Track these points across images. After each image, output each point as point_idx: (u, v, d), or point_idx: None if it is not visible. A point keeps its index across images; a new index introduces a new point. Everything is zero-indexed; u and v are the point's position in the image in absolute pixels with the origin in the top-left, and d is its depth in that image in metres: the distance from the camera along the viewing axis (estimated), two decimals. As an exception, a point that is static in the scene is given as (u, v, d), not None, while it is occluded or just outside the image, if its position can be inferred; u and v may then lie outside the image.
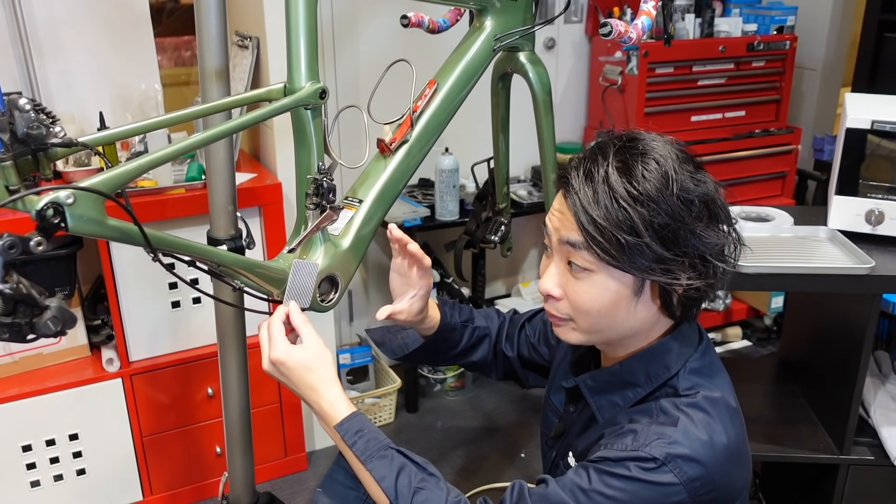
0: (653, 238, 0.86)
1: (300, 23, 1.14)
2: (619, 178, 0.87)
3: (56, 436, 2.09)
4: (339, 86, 2.65)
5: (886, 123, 1.70)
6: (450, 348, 1.30)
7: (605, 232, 0.86)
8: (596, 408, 1.02)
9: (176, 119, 1.13)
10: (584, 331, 0.97)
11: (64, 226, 0.83)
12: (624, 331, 0.96)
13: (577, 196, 0.89)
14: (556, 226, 0.94)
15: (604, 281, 0.90)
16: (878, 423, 1.79)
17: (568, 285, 0.94)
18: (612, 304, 0.92)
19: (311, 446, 2.59)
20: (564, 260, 0.94)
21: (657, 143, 0.92)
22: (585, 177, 0.89)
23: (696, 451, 0.88)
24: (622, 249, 0.86)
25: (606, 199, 0.87)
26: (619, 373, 1.00)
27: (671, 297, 0.93)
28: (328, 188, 1.15)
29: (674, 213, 0.87)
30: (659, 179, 0.87)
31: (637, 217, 0.86)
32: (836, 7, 3.08)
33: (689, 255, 0.88)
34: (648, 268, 0.87)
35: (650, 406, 0.96)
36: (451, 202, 2.61)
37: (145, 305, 2.11)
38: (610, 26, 1.37)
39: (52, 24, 2.09)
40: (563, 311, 0.96)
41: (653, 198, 0.86)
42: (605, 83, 2.93)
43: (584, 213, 0.87)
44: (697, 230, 0.88)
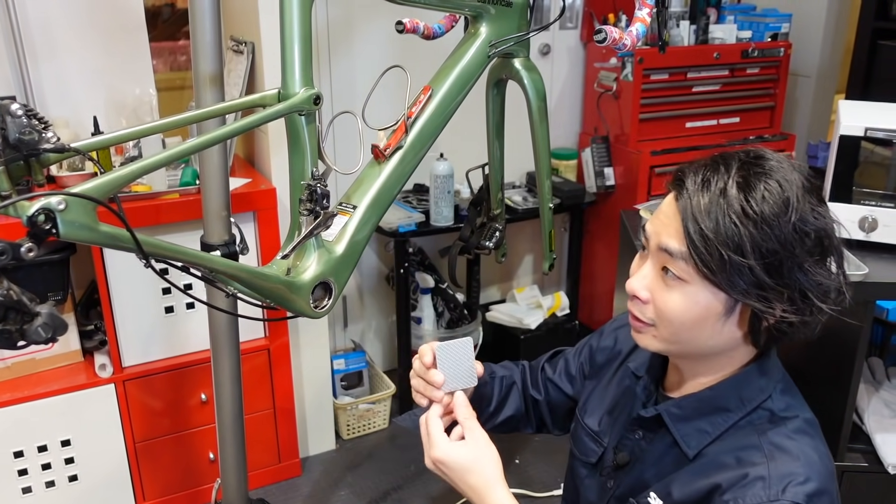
0: (757, 261, 0.82)
1: (294, 28, 1.14)
2: (738, 194, 0.83)
3: (48, 441, 2.08)
4: (335, 91, 2.65)
5: (880, 130, 1.71)
6: (484, 407, 1.22)
7: (709, 245, 0.83)
8: (681, 438, 0.96)
9: (169, 125, 1.13)
10: (663, 339, 0.93)
11: (55, 232, 0.83)
12: (704, 348, 0.92)
13: (690, 201, 0.85)
14: (657, 230, 0.90)
15: (695, 294, 0.87)
16: (871, 429, 1.79)
17: (657, 291, 0.91)
18: (699, 320, 0.88)
19: (304, 452, 2.58)
20: (659, 265, 0.90)
21: (784, 165, 0.87)
22: (702, 184, 0.85)
23: (822, 481, 0.86)
24: (723, 266, 0.83)
25: (719, 212, 0.83)
26: (710, 398, 0.95)
27: (760, 325, 0.88)
28: (322, 194, 1.15)
29: (785, 241, 0.82)
30: (778, 203, 0.83)
31: (747, 237, 0.82)
32: (831, 14, 3.09)
33: (789, 288, 0.84)
34: (745, 291, 0.84)
35: (753, 438, 0.91)
36: (445, 208, 2.61)
37: (139, 311, 2.10)
38: (604, 33, 1.38)
39: (47, 27, 2.08)
40: (646, 316, 0.93)
41: (768, 221, 0.82)
42: (600, 89, 2.94)
43: (693, 221, 0.84)
44: (805, 265, 0.84)
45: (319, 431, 2.61)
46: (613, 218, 2.94)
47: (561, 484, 2.42)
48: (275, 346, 2.32)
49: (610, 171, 2.93)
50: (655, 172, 2.84)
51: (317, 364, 2.51)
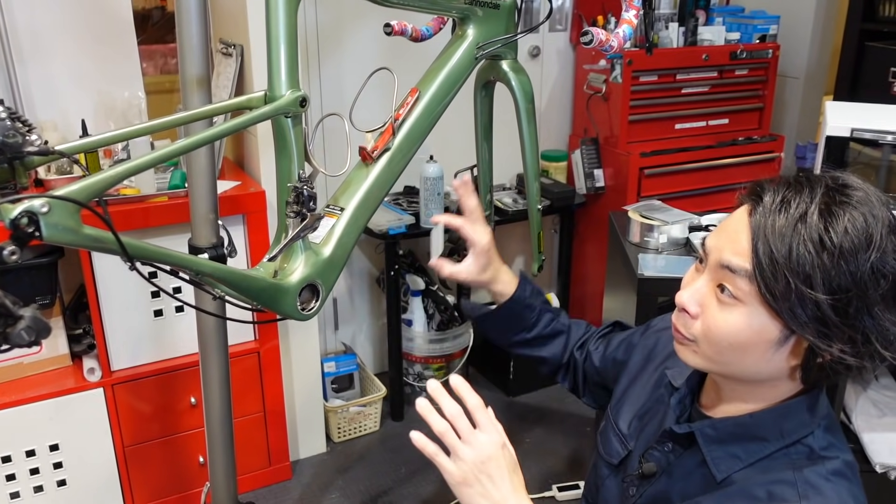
0: (826, 296, 0.77)
1: (280, 31, 1.14)
2: (819, 221, 0.78)
3: (36, 446, 2.07)
4: (324, 93, 2.65)
5: (865, 131, 1.72)
6: (521, 329, 1.27)
7: (777, 269, 0.78)
8: (712, 460, 0.92)
9: (156, 127, 1.13)
10: (705, 357, 0.89)
11: (38, 235, 0.82)
12: (748, 374, 0.88)
13: (765, 220, 0.80)
14: (720, 244, 0.86)
15: (750, 317, 0.82)
16: (859, 429, 1.80)
17: (709, 307, 0.86)
18: (748, 344, 0.84)
19: (295, 455, 2.58)
20: (716, 282, 0.86)
21: (872, 199, 0.81)
22: (781, 203, 0.80)
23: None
24: (788, 294, 0.78)
25: (795, 237, 0.78)
26: (749, 425, 0.90)
27: (814, 362, 0.83)
28: (308, 196, 1.15)
29: (860, 280, 0.77)
30: (861, 239, 0.77)
31: (819, 268, 0.77)
32: (818, 16, 3.11)
33: (853, 329, 0.79)
34: (805, 324, 0.79)
35: (788, 473, 0.86)
36: (435, 209, 2.61)
37: (127, 314, 2.10)
38: (591, 35, 1.38)
39: (35, 30, 2.07)
40: (690, 331, 0.89)
41: (845, 256, 0.77)
42: (589, 91, 2.95)
43: (764, 241, 0.79)
44: (876, 308, 0.79)
45: (310, 434, 2.60)
46: (603, 219, 2.95)
47: (553, 486, 2.43)
48: (265, 350, 2.31)
49: (600, 172, 2.94)
50: (645, 174, 2.85)
51: (307, 367, 2.51)
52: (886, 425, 1.80)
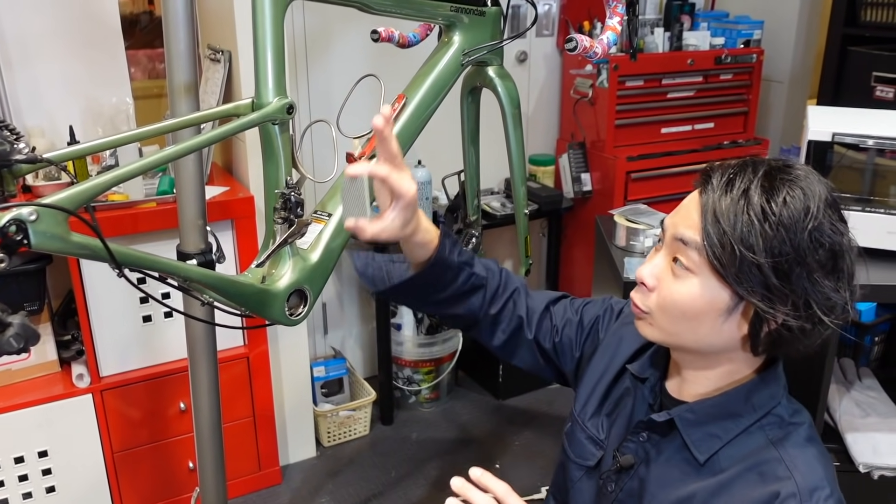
0: (767, 261, 0.84)
1: (267, 39, 1.16)
2: (761, 195, 0.85)
3: (25, 453, 2.06)
4: (312, 99, 2.66)
5: (847, 136, 1.74)
6: (438, 290, 1.12)
7: (724, 238, 0.85)
8: (692, 443, 0.96)
9: (144, 134, 1.14)
10: (660, 329, 0.95)
11: (27, 243, 0.83)
12: (702, 345, 0.93)
13: (713, 196, 0.88)
14: (675, 220, 0.93)
15: (701, 287, 0.89)
16: (843, 429, 1.82)
17: (664, 280, 0.93)
18: (699, 313, 0.90)
19: (284, 460, 2.58)
20: (671, 256, 0.93)
21: (811, 178, 0.88)
22: (727, 183, 0.88)
23: (836, 487, 0.89)
24: (734, 261, 0.85)
25: (738, 210, 0.85)
26: (723, 403, 0.96)
27: (761, 329, 0.89)
28: (296, 202, 1.16)
29: (799, 247, 0.84)
30: (799, 210, 0.84)
31: (761, 236, 0.84)
32: (802, 21, 3.14)
33: (795, 294, 0.86)
34: (751, 289, 0.85)
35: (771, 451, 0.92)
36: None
37: (116, 320, 2.10)
38: (575, 41, 1.40)
39: (22, 36, 2.08)
40: (646, 304, 0.94)
41: (784, 224, 0.84)
42: (576, 96, 2.97)
43: (711, 214, 0.87)
44: (815, 275, 0.85)
45: (300, 439, 2.61)
46: (591, 223, 2.97)
47: (542, 489, 2.44)
48: (254, 355, 2.31)
49: (587, 176, 2.96)
50: (632, 178, 2.87)
51: (297, 371, 2.51)
52: (869, 425, 1.83)
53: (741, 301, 0.88)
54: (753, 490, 0.90)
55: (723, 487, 0.92)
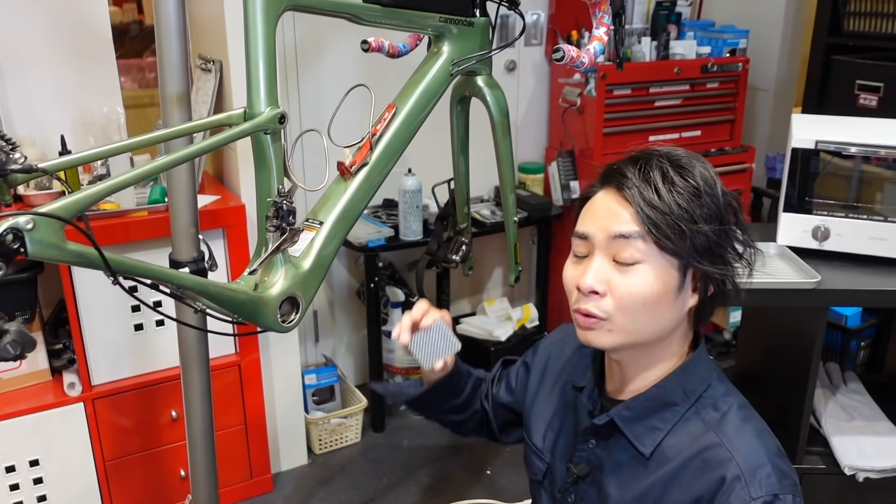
0: (709, 227, 0.93)
1: (259, 49, 1.17)
2: (678, 175, 0.93)
3: (16, 462, 2.06)
4: (302, 108, 2.68)
5: (830, 143, 1.78)
6: (453, 395, 1.27)
7: (666, 218, 0.91)
8: (635, 438, 1.00)
9: (136, 144, 1.15)
10: (620, 330, 0.96)
11: (24, 251, 0.84)
12: (658, 331, 0.97)
13: (637, 188, 0.93)
14: (602, 225, 0.96)
15: (653, 270, 0.93)
16: (828, 432, 1.84)
17: (613, 280, 0.95)
18: (658, 297, 0.94)
19: (276, 468, 2.58)
20: (609, 257, 0.95)
21: (688, 154, 0.99)
22: (642, 173, 0.94)
23: (778, 459, 0.95)
24: (682, 235, 0.91)
25: (666, 192, 0.92)
26: (657, 395, 1.00)
27: (707, 292, 0.98)
28: (288, 211, 1.18)
29: (721, 209, 0.94)
30: (709, 180, 0.95)
31: (696, 206, 0.92)
32: (786, 31, 3.19)
33: (726, 249, 0.96)
34: (699, 256, 0.93)
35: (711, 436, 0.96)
36: (414, 222, 2.64)
37: (108, 328, 2.10)
38: (562, 51, 1.42)
39: (14, 46, 2.08)
40: (604, 309, 0.96)
41: (708, 193, 0.93)
42: (564, 104, 3.00)
43: (646, 203, 0.92)
44: (728, 230, 0.96)
45: (291, 446, 2.61)
46: (580, 230, 2.99)
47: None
48: (245, 362, 2.32)
49: (576, 184, 2.99)
50: (620, 185, 2.90)
51: (288, 379, 2.52)
52: (855, 429, 1.85)
53: (687, 273, 0.95)
54: (701, 478, 0.94)
55: (673, 479, 0.96)
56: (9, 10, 2.06)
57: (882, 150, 1.73)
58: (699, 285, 0.97)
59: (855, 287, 1.67)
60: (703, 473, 0.94)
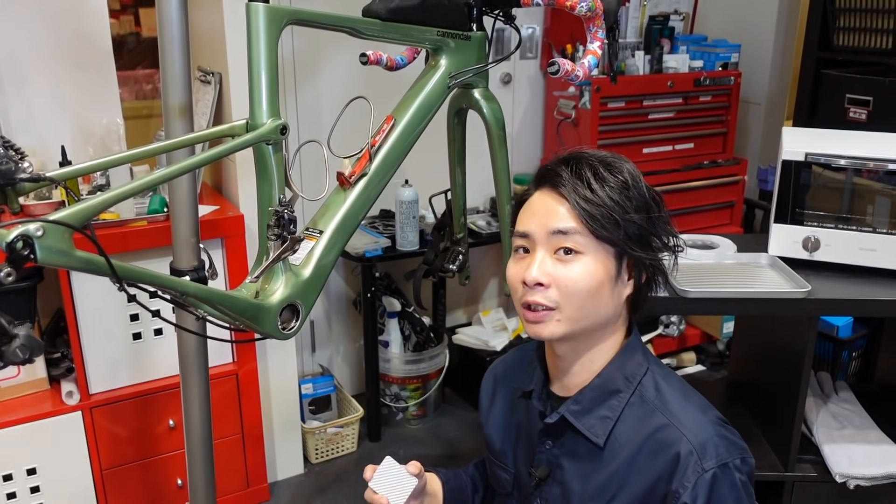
0: (640, 217, 1.01)
1: (261, 62, 1.20)
2: (608, 173, 1.01)
3: (13, 470, 2.07)
4: (301, 120, 2.71)
5: (820, 156, 1.81)
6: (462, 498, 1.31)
7: (602, 210, 0.98)
8: (587, 430, 1.04)
9: (141, 154, 1.17)
10: (567, 318, 1.01)
11: (33, 257, 0.86)
12: (601, 318, 1.03)
13: (573, 186, 1.00)
14: (542, 222, 1.02)
15: (592, 262, 1.00)
16: (820, 440, 1.87)
17: (556, 272, 1.00)
18: (599, 285, 1.00)
19: (272, 477, 2.59)
20: (551, 251, 1.01)
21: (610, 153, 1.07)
22: (574, 173, 1.01)
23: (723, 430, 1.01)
24: (618, 227, 0.99)
25: (599, 187, 1.00)
26: (600, 385, 1.05)
27: (641, 279, 1.05)
28: (289, 219, 1.20)
29: (648, 200, 1.02)
30: (634, 175, 1.03)
31: (627, 200, 1.00)
32: (777, 45, 3.23)
33: (656, 236, 1.04)
34: (633, 246, 1.00)
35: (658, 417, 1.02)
36: (411, 233, 2.67)
37: (106, 338, 2.11)
38: (557, 65, 1.45)
39: (14, 57, 2.11)
40: (551, 299, 1.00)
41: (635, 187, 1.01)
42: (559, 117, 3.03)
43: (583, 199, 0.99)
44: (658, 217, 1.04)
45: (287, 456, 2.62)
46: (575, 241, 3.02)
47: None
48: (243, 372, 2.34)
49: (571, 195, 3.01)
50: (614, 197, 2.93)
51: (285, 388, 2.53)
52: (846, 437, 1.87)
53: (623, 261, 1.02)
54: (656, 459, 0.99)
55: (630, 465, 1.01)
56: (10, 21, 2.08)
57: (871, 162, 1.77)
58: (633, 273, 1.04)
59: (845, 297, 1.69)
60: (657, 455, 0.99)
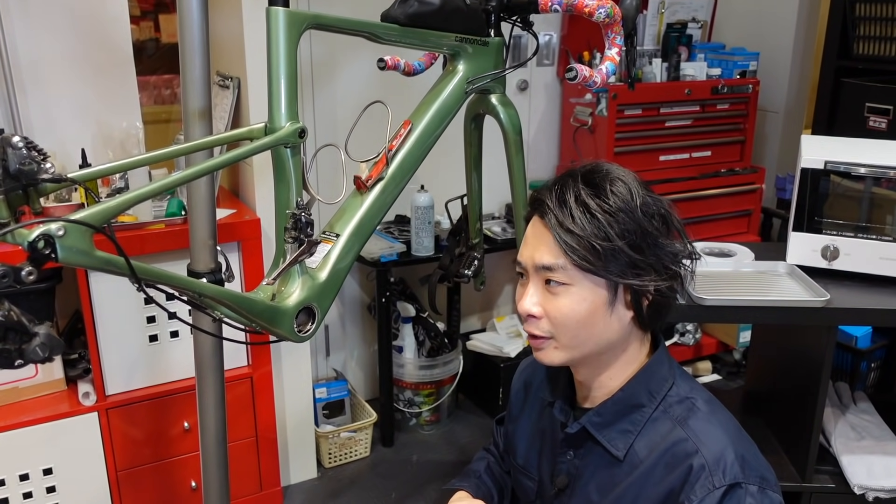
0: (624, 243, 0.95)
1: (281, 66, 1.20)
2: (592, 197, 0.96)
3: (30, 470, 2.08)
4: (318, 124, 2.72)
5: (839, 164, 1.79)
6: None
7: (581, 241, 0.95)
8: (608, 442, 1.04)
9: (162, 156, 1.18)
10: (565, 346, 1.01)
11: (54, 257, 0.87)
12: (602, 343, 1.01)
13: (554, 215, 0.97)
14: (530, 254, 1.01)
15: (580, 292, 0.97)
16: (838, 451, 1.84)
17: (547, 303, 1.00)
18: (590, 314, 0.98)
19: (286, 481, 2.59)
20: (542, 281, 1.00)
21: (616, 167, 1.02)
22: (559, 199, 0.98)
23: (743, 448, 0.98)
24: (598, 255, 0.95)
25: (580, 215, 0.96)
26: (623, 398, 1.04)
27: (642, 304, 1.00)
28: (306, 222, 1.21)
29: (639, 223, 0.96)
30: (624, 195, 0.97)
31: (610, 226, 0.95)
32: (796, 53, 3.22)
33: (652, 261, 0.97)
34: (621, 272, 0.96)
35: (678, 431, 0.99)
36: (426, 238, 2.67)
37: (123, 339, 2.13)
38: (575, 71, 1.45)
39: (37, 61, 2.13)
40: (544, 329, 1.01)
41: (622, 209, 0.96)
42: (575, 124, 3.03)
43: (562, 228, 0.96)
44: (658, 240, 0.98)
45: (301, 460, 2.63)
46: (590, 248, 3.01)
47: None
48: (258, 375, 2.34)
49: (586, 202, 3.01)
50: (630, 204, 2.92)
51: (299, 392, 2.54)
52: (864, 448, 1.85)
53: (617, 289, 0.98)
54: (671, 472, 0.97)
55: (646, 477, 1.00)
56: (33, 26, 2.11)
57: (891, 171, 1.75)
58: (631, 297, 0.99)
59: (864, 306, 1.68)
60: (672, 468, 0.98)
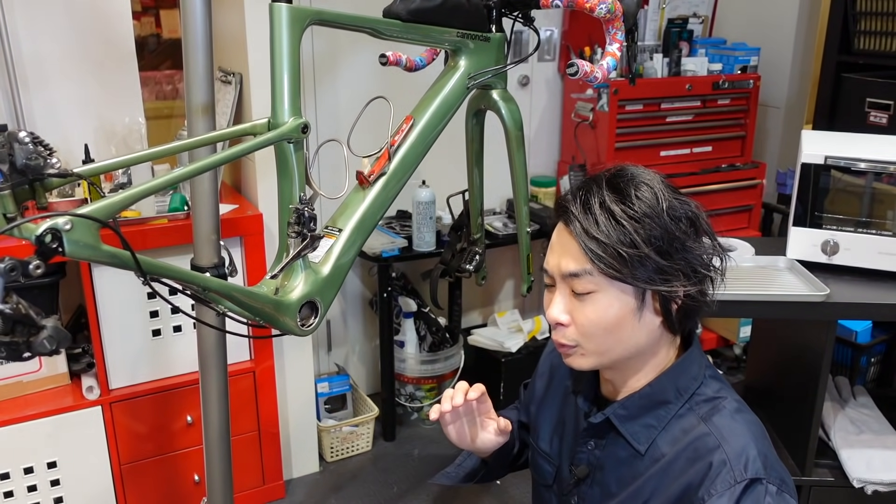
0: (650, 249, 0.93)
1: (284, 61, 1.21)
2: (615, 202, 0.95)
3: (34, 464, 2.10)
4: (320, 120, 2.73)
5: (840, 159, 1.80)
6: (510, 449, 1.31)
7: (607, 248, 0.93)
8: (630, 436, 1.03)
9: (165, 152, 1.19)
10: (592, 353, 1.00)
11: (61, 250, 0.88)
12: (630, 348, 1.00)
13: (579, 222, 0.96)
14: (556, 261, 1.00)
15: (607, 299, 0.96)
16: (837, 445, 1.85)
17: (574, 311, 0.99)
18: (617, 321, 0.97)
19: (288, 474, 2.61)
20: (568, 288, 0.99)
21: (642, 170, 1.01)
22: (583, 206, 0.97)
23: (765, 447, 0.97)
24: (624, 262, 0.93)
25: (605, 221, 0.94)
26: (650, 394, 1.03)
27: (671, 309, 0.99)
28: (309, 217, 1.21)
29: (665, 227, 0.95)
30: (650, 200, 0.95)
31: (636, 232, 0.93)
32: (797, 49, 3.22)
33: (681, 265, 0.96)
34: (649, 278, 0.94)
35: (701, 427, 0.99)
36: (427, 233, 2.68)
37: (126, 334, 2.14)
38: (576, 66, 1.46)
39: (39, 58, 2.14)
40: (570, 338, 1.00)
41: (647, 214, 0.94)
42: (577, 119, 3.03)
43: (588, 237, 0.95)
44: (686, 244, 0.96)
45: (303, 454, 2.64)
46: (591, 243, 3.02)
47: None
48: (260, 369, 2.36)
49: (587, 198, 3.01)
50: (631, 199, 2.93)
51: (301, 387, 2.55)
52: (863, 442, 1.86)
53: (644, 295, 0.97)
54: (691, 467, 0.97)
55: (665, 471, 1.00)
56: (35, 23, 2.12)
57: (892, 166, 1.75)
58: (658, 305, 0.98)
59: (864, 301, 1.68)
60: (692, 462, 0.97)
